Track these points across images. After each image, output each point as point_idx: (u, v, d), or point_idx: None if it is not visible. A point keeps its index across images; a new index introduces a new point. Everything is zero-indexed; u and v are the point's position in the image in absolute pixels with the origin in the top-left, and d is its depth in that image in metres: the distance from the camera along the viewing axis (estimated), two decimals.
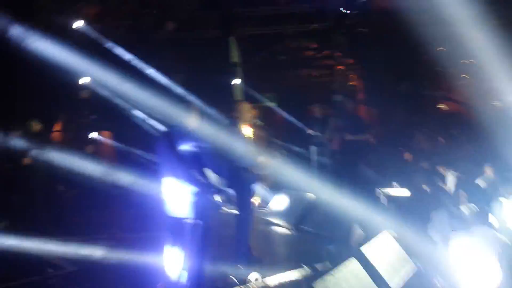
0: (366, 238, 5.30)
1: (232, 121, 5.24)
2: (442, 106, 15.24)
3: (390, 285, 4.16)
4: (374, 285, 3.94)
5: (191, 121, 4.08)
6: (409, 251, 4.72)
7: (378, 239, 4.53)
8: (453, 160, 8.04)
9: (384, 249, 4.50)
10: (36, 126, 6.83)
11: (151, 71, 9.97)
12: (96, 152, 11.07)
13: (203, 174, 3.94)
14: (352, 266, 3.93)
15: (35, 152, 6.54)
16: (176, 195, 3.94)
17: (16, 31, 6.45)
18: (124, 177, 9.28)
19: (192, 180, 3.87)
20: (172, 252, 4.03)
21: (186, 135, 3.97)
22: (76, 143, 10.76)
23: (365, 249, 4.23)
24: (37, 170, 6.83)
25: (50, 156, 6.74)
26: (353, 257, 3.99)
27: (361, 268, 3.98)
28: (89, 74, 10.40)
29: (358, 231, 5.61)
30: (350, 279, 3.81)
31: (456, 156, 8.67)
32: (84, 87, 10.60)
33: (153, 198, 4.28)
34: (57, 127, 11.70)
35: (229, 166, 5.03)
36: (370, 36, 10.16)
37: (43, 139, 6.77)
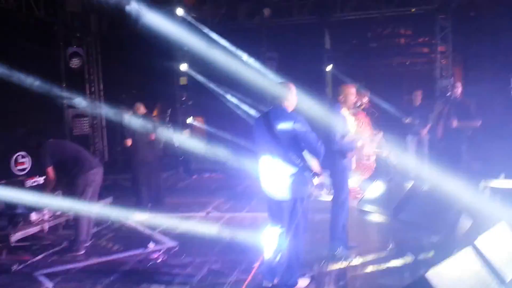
0: (476, 230, 5.01)
1: (334, 104, 5.15)
2: None
3: (506, 279, 3.89)
4: (490, 277, 3.70)
5: (289, 102, 4.03)
6: None
7: (494, 230, 4.23)
8: None
9: (501, 240, 4.19)
10: (141, 108, 7.20)
11: (246, 58, 10.12)
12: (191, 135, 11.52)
13: (301, 156, 3.88)
14: (467, 257, 3.71)
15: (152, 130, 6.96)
16: (273, 176, 3.95)
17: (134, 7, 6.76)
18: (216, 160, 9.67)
19: (290, 161, 3.86)
20: (271, 232, 4.06)
21: (284, 116, 3.93)
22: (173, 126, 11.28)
23: (481, 240, 3.97)
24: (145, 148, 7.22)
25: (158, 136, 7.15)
26: (469, 248, 3.76)
27: (477, 259, 3.75)
28: (188, 60, 10.88)
29: (465, 223, 5.29)
30: (464, 269, 3.61)
31: None
32: (183, 73, 11.06)
33: (251, 179, 4.35)
34: (156, 112, 12.35)
35: (327, 150, 4.99)
36: (476, 20, 9.45)
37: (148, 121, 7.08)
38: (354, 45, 14.29)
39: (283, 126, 3.87)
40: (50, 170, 5.40)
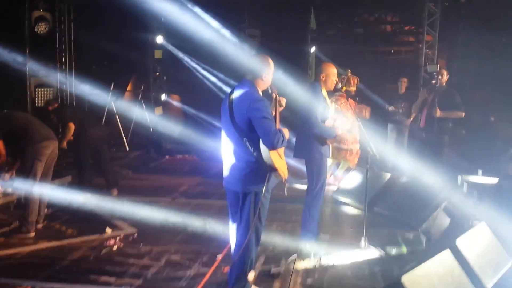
0: (454, 229, 4.76)
1: (313, 84, 4.75)
2: None
3: (485, 284, 3.62)
4: (469, 281, 3.41)
5: (262, 81, 3.48)
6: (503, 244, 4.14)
7: (474, 231, 3.95)
8: None
9: (481, 241, 3.92)
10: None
11: (227, 35, 9.65)
12: (164, 114, 11.03)
13: (256, 145, 3.31)
14: (445, 260, 3.42)
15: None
16: (228, 164, 3.49)
17: None
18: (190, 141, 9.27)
19: (244, 149, 3.36)
20: (231, 223, 3.68)
21: (244, 96, 3.36)
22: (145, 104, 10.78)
23: (461, 241, 3.68)
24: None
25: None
26: (447, 250, 3.46)
27: (455, 262, 3.46)
28: (164, 33, 10.33)
29: (443, 220, 5.03)
30: (442, 273, 3.31)
31: None
32: (158, 46, 10.51)
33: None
34: (130, 86, 11.81)
35: (304, 136, 4.62)
36: (466, 7, 9.15)
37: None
38: (339, 29, 13.96)
39: (240, 107, 3.33)
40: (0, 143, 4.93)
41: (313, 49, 10.53)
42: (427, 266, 3.26)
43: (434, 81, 6.29)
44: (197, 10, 9.37)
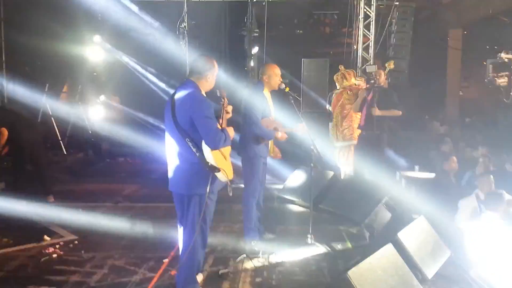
0: (395, 223, 4.96)
1: (257, 84, 4.77)
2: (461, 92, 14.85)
3: (426, 273, 3.81)
4: (411, 273, 3.56)
5: (206, 82, 3.46)
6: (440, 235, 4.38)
7: (414, 224, 4.14)
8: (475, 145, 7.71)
9: (420, 234, 4.11)
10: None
11: (164, 34, 9.48)
12: (104, 115, 10.65)
13: (199, 145, 3.27)
14: (388, 252, 3.55)
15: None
16: (172, 165, 3.44)
17: None
18: (132, 143, 9.02)
19: (187, 150, 3.31)
20: (179, 226, 3.62)
21: (186, 96, 3.32)
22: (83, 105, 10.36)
23: (402, 235, 3.84)
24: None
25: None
26: (389, 245, 3.59)
27: (398, 255, 3.60)
28: (101, 32, 9.99)
29: (384, 214, 5.22)
30: (386, 266, 3.44)
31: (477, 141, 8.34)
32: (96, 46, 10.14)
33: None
34: (65, 88, 11.31)
35: (243, 134, 4.63)
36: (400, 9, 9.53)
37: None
38: (280, 30, 14.15)
39: (182, 108, 3.29)
40: None
41: (255, 50, 10.58)
42: (371, 260, 3.38)
43: (372, 81, 6.51)
44: (134, 8, 9.15)
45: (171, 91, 3.54)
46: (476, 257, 4.18)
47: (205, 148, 3.26)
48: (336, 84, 4.59)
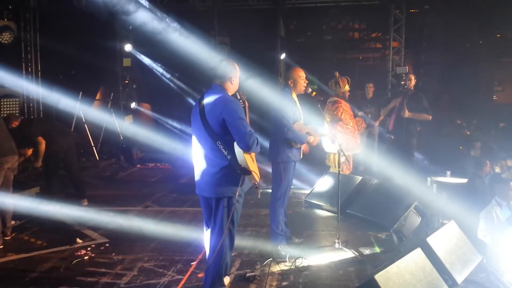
0: (425, 228, 4.86)
1: (283, 89, 4.79)
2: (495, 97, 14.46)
3: (456, 279, 3.72)
4: (440, 278, 3.49)
5: (231, 84, 3.52)
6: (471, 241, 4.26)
7: (444, 229, 4.05)
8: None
9: (451, 239, 4.02)
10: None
11: (196, 42, 9.62)
12: (135, 122, 10.88)
13: (231, 148, 3.30)
14: (417, 257, 3.49)
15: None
16: (200, 170, 3.47)
17: None
18: (162, 149, 9.19)
19: (218, 153, 3.34)
20: (206, 229, 3.66)
21: (217, 99, 3.36)
22: (115, 112, 10.61)
23: (431, 239, 3.77)
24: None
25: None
26: (418, 249, 3.53)
27: (427, 259, 3.53)
28: (133, 41, 10.24)
29: (414, 219, 5.12)
30: (414, 271, 3.37)
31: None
32: (127, 54, 10.39)
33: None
34: (98, 95, 11.62)
35: (275, 139, 4.64)
36: (431, 14, 9.41)
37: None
38: (308, 36, 14.15)
39: (214, 111, 3.32)
40: None
41: (283, 56, 10.61)
42: (399, 264, 3.32)
43: (403, 82, 6.43)
44: (166, 18, 9.32)
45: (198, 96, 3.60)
46: (509, 264, 4.06)
47: (238, 150, 3.29)
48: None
